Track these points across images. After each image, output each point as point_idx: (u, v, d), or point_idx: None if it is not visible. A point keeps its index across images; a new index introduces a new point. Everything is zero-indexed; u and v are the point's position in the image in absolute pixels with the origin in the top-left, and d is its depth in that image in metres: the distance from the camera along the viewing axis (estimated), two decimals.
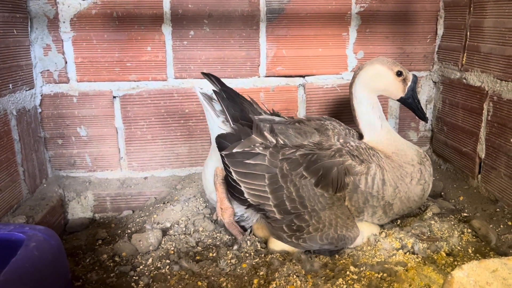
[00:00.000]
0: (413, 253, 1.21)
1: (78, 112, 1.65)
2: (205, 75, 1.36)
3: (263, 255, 1.25)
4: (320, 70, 1.75)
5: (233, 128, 1.26)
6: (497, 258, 0.92)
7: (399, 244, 1.23)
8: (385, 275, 1.08)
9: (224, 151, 1.25)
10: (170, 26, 1.62)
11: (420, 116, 1.38)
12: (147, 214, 1.53)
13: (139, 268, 1.22)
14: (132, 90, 1.66)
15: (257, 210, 1.29)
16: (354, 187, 1.24)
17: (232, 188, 1.27)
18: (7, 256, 0.87)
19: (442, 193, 1.64)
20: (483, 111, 1.52)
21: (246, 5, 1.63)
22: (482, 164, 1.54)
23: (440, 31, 1.77)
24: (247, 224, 1.36)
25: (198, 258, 1.25)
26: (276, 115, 1.46)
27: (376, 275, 1.08)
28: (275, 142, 1.26)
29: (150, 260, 1.24)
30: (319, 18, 1.68)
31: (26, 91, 1.51)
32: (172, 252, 1.28)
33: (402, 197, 1.29)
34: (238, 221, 1.36)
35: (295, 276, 1.10)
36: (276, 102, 1.75)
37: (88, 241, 1.42)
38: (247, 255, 1.26)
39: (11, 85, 1.40)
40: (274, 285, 1.08)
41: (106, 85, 1.65)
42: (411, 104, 1.36)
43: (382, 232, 1.29)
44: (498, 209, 1.41)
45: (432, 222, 1.33)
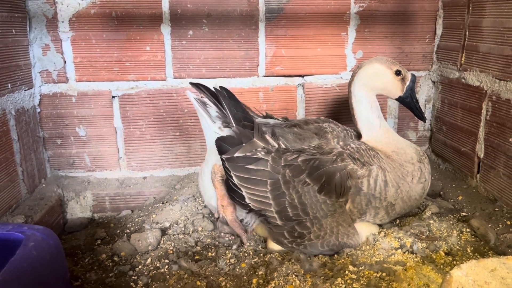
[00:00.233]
0: (412, 252, 1.21)
1: (77, 112, 1.65)
2: (193, 84, 1.31)
3: (262, 255, 1.25)
4: (319, 70, 1.75)
5: (234, 131, 1.23)
6: (495, 258, 0.92)
7: (398, 244, 1.23)
8: (384, 274, 1.08)
9: (225, 155, 1.22)
10: (169, 26, 1.62)
11: (418, 115, 1.39)
12: (146, 214, 1.53)
13: (138, 268, 1.22)
14: (131, 90, 1.66)
15: (258, 215, 1.28)
16: (356, 190, 1.23)
17: (233, 193, 1.25)
18: (6, 256, 0.87)
19: (441, 192, 1.64)
20: (482, 111, 1.52)
21: (245, 5, 1.63)
22: (481, 164, 1.54)
23: (439, 31, 1.77)
24: (248, 228, 1.35)
25: (197, 257, 1.25)
26: (269, 117, 1.45)
27: (375, 274, 1.09)
28: (277, 146, 1.24)
29: (149, 259, 1.24)
30: (318, 18, 1.68)
31: (25, 91, 1.51)
32: (171, 251, 1.28)
33: (404, 196, 1.29)
34: None
35: (294, 276, 1.10)
36: (275, 102, 1.75)
37: (87, 241, 1.42)
38: (246, 254, 1.26)
39: (9, 85, 1.40)
40: (273, 284, 1.08)
41: (105, 85, 1.65)
42: (410, 103, 1.36)
43: (381, 232, 1.29)
44: (497, 208, 1.41)
45: (431, 222, 1.34)
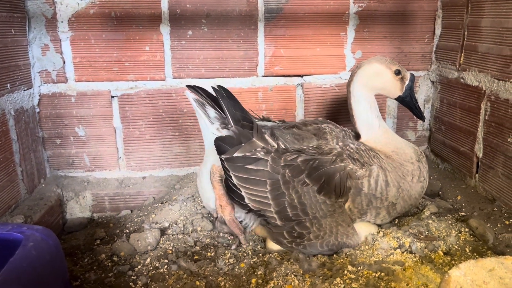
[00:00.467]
0: (410, 252, 1.21)
1: (76, 112, 1.65)
2: (190, 87, 1.30)
3: (261, 255, 1.25)
4: (318, 69, 1.75)
5: (232, 131, 1.22)
6: (494, 257, 0.93)
7: (397, 244, 1.23)
8: (382, 274, 1.08)
9: (224, 155, 1.21)
10: (168, 26, 1.62)
11: (418, 114, 1.39)
12: (146, 213, 1.53)
13: (137, 268, 1.22)
14: (130, 90, 1.66)
15: (257, 215, 1.27)
16: (357, 190, 1.23)
17: (232, 193, 1.24)
18: (5, 256, 0.87)
19: (440, 192, 1.64)
20: (481, 111, 1.52)
21: (244, 4, 1.63)
22: (479, 164, 1.54)
23: (438, 31, 1.77)
24: (247, 229, 1.35)
25: (196, 257, 1.26)
26: (267, 120, 1.45)
27: (374, 274, 1.09)
28: (276, 146, 1.24)
29: (148, 259, 1.25)
30: (317, 17, 1.68)
31: (24, 91, 1.51)
32: (170, 251, 1.29)
33: (404, 196, 1.30)
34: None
35: (293, 276, 1.10)
36: (274, 102, 1.76)
37: (86, 240, 1.42)
38: (245, 254, 1.26)
39: (9, 85, 1.40)
40: (272, 284, 1.08)
41: (104, 85, 1.65)
42: (409, 102, 1.37)
43: (380, 232, 1.29)
44: (495, 208, 1.41)
45: (430, 222, 1.34)
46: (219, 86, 1.26)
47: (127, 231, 1.45)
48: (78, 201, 1.65)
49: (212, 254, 1.27)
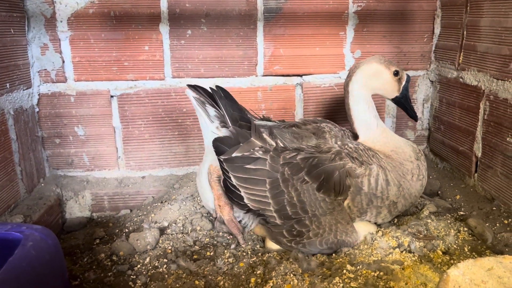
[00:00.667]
0: (409, 251, 1.21)
1: (75, 112, 1.65)
2: (190, 86, 1.29)
3: (260, 254, 1.25)
4: (317, 69, 1.75)
5: (230, 131, 1.21)
6: (492, 257, 0.93)
7: (396, 243, 1.23)
8: (381, 273, 1.08)
9: (222, 156, 1.20)
10: (168, 26, 1.62)
11: (412, 115, 1.41)
12: (145, 213, 1.53)
13: (136, 267, 1.22)
14: (130, 89, 1.66)
15: (256, 215, 1.27)
16: (356, 189, 1.23)
17: (231, 193, 1.24)
18: (4, 256, 0.87)
19: (439, 191, 1.64)
20: (480, 110, 1.52)
21: (243, 4, 1.63)
22: (478, 163, 1.55)
23: (437, 30, 1.77)
24: (246, 228, 1.35)
25: (195, 257, 1.26)
26: (267, 120, 1.44)
27: (373, 273, 1.09)
28: (274, 145, 1.24)
29: (148, 259, 1.25)
30: (316, 17, 1.68)
31: (24, 90, 1.51)
32: (170, 251, 1.29)
33: (405, 194, 1.30)
34: None
35: (292, 275, 1.10)
36: (273, 102, 1.76)
37: (85, 240, 1.42)
38: (244, 254, 1.26)
39: (8, 84, 1.40)
40: (271, 284, 1.08)
41: (104, 84, 1.65)
42: (405, 103, 1.38)
43: (379, 231, 1.29)
44: (494, 207, 1.41)
45: (429, 221, 1.34)
46: (217, 87, 1.26)
47: (127, 230, 1.45)
48: (77, 200, 1.65)
49: (212, 254, 1.27)
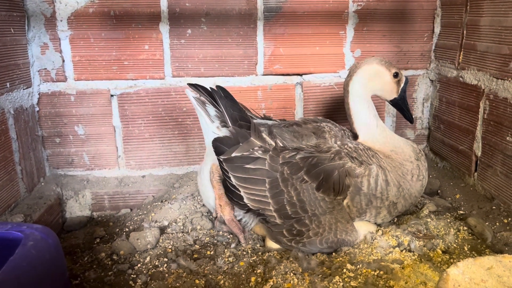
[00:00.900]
0: (409, 250, 1.21)
1: (75, 111, 1.65)
2: (191, 85, 1.29)
3: (260, 253, 1.25)
4: (317, 68, 1.75)
5: (230, 131, 1.21)
6: (492, 256, 0.93)
7: (396, 242, 1.23)
8: (381, 272, 1.09)
9: (222, 156, 1.21)
10: (168, 25, 1.62)
11: (409, 117, 1.42)
12: (145, 212, 1.54)
13: (137, 267, 1.22)
14: (130, 88, 1.66)
15: (256, 215, 1.27)
16: (356, 189, 1.23)
17: (231, 193, 1.24)
18: (5, 255, 0.87)
19: (439, 191, 1.64)
20: (480, 109, 1.52)
21: (243, 3, 1.63)
22: (478, 162, 1.55)
23: (437, 29, 1.77)
24: (246, 228, 1.35)
25: (195, 256, 1.26)
26: (267, 119, 1.44)
27: (373, 272, 1.09)
28: (274, 144, 1.24)
29: (148, 258, 1.25)
30: (317, 16, 1.68)
31: (24, 89, 1.51)
32: (170, 250, 1.29)
33: (405, 195, 1.30)
34: None
35: (292, 274, 1.11)
36: (273, 101, 1.76)
37: (86, 239, 1.42)
38: (245, 253, 1.26)
39: (8, 83, 1.40)
40: (271, 283, 1.08)
41: (104, 83, 1.65)
42: (402, 105, 1.40)
43: (379, 230, 1.30)
44: (494, 206, 1.42)
45: (429, 220, 1.34)
46: (217, 86, 1.26)
47: (127, 229, 1.45)
48: (77, 200, 1.65)
49: (212, 253, 1.27)
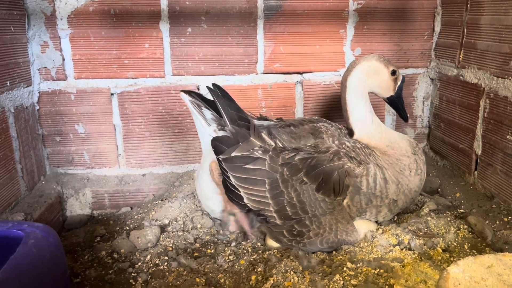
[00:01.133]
0: (409, 249, 1.21)
1: (76, 109, 1.65)
2: (185, 92, 1.27)
3: (260, 252, 1.25)
4: (317, 67, 1.75)
5: (229, 130, 1.21)
6: (492, 254, 0.93)
7: (396, 241, 1.24)
8: (381, 271, 1.09)
9: (221, 155, 1.20)
10: (168, 23, 1.62)
11: (404, 115, 1.42)
12: (145, 211, 1.54)
13: (137, 265, 1.22)
14: (130, 87, 1.66)
15: (256, 215, 1.27)
16: (355, 189, 1.23)
17: (231, 193, 1.23)
18: (6, 254, 0.87)
19: (439, 189, 1.65)
20: (480, 108, 1.52)
21: (243, 2, 1.63)
22: (478, 161, 1.55)
23: (437, 28, 1.77)
24: (254, 226, 1.35)
25: (196, 254, 1.26)
26: (264, 119, 1.44)
27: (373, 271, 1.09)
28: (274, 145, 1.23)
29: (149, 256, 1.25)
30: (317, 15, 1.68)
31: (24, 88, 1.51)
32: (171, 248, 1.29)
33: (405, 190, 1.30)
34: None
35: (292, 272, 1.11)
36: (273, 99, 1.76)
37: (86, 238, 1.42)
38: (245, 251, 1.26)
39: (8, 82, 1.40)
40: (272, 281, 1.08)
41: (104, 82, 1.65)
42: (398, 103, 1.40)
43: (379, 229, 1.30)
44: (494, 205, 1.42)
45: (429, 219, 1.34)
46: (214, 85, 1.25)
47: (127, 228, 1.45)
48: (78, 198, 1.65)
49: (212, 251, 1.27)
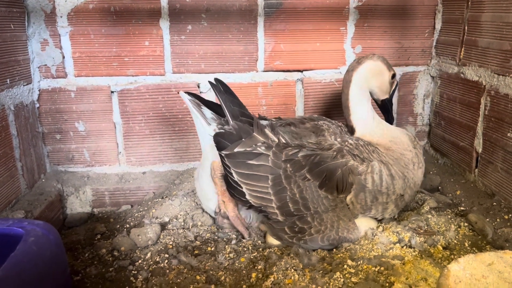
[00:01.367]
0: (410, 246, 1.21)
1: (76, 107, 1.65)
2: (185, 93, 1.27)
3: (261, 249, 1.25)
4: (318, 64, 1.75)
5: (232, 126, 1.20)
6: (493, 252, 0.93)
7: (396, 238, 1.24)
8: (382, 268, 1.09)
9: (224, 151, 1.19)
10: (168, 21, 1.61)
11: (391, 118, 1.47)
12: (146, 208, 1.54)
13: (138, 263, 1.22)
14: (130, 85, 1.66)
15: (258, 212, 1.26)
16: (360, 186, 1.23)
17: (233, 189, 1.22)
18: (6, 251, 0.87)
19: (439, 187, 1.65)
20: (481, 106, 1.52)
21: None
22: (479, 159, 1.55)
23: (438, 26, 1.77)
24: (252, 225, 1.35)
25: (196, 252, 1.26)
26: (263, 119, 1.44)
27: (373, 268, 1.09)
28: (277, 141, 1.22)
29: (149, 254, 1.25)
30: (317, 12, 1.68)
31: (24, 86, 1.51)
32: (171, 246, 1.29)
33: (410, 184, 1.32)
34: None
35: (292, 270, 1.11)
36: (274, 97, 1.75)
37: (87, 235, 1.42)
38: (245, 249, 1.26)
39: (8, 80, 1.40)
40: (272, 279, 1.08)
41: (104, 80, 1.64)
42: (389, 107, 1.44)
43: (380, 226, 1.30)
44: (494, 203, 1.42)
45: (429, 216, 1.34)
46: (216, 80, 1.24)
47: (128, 226, 1.45)
48: (78, 196, 1.65)
49: (213, 249, 1.27)
